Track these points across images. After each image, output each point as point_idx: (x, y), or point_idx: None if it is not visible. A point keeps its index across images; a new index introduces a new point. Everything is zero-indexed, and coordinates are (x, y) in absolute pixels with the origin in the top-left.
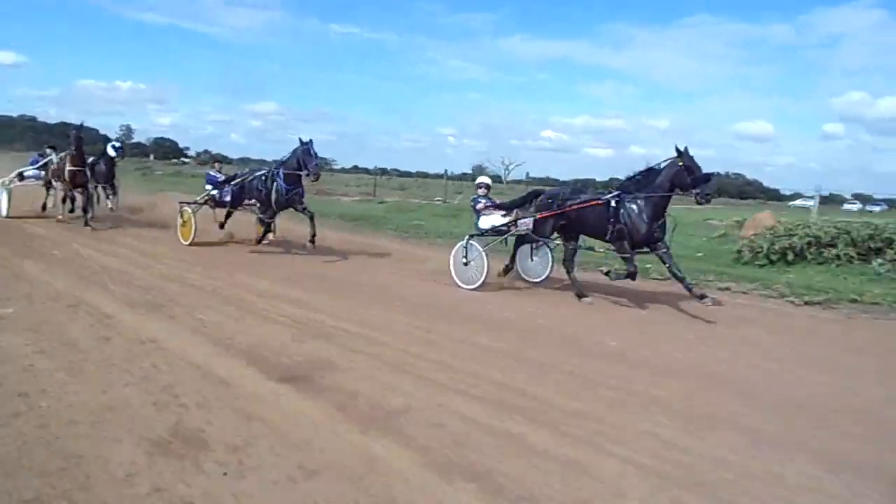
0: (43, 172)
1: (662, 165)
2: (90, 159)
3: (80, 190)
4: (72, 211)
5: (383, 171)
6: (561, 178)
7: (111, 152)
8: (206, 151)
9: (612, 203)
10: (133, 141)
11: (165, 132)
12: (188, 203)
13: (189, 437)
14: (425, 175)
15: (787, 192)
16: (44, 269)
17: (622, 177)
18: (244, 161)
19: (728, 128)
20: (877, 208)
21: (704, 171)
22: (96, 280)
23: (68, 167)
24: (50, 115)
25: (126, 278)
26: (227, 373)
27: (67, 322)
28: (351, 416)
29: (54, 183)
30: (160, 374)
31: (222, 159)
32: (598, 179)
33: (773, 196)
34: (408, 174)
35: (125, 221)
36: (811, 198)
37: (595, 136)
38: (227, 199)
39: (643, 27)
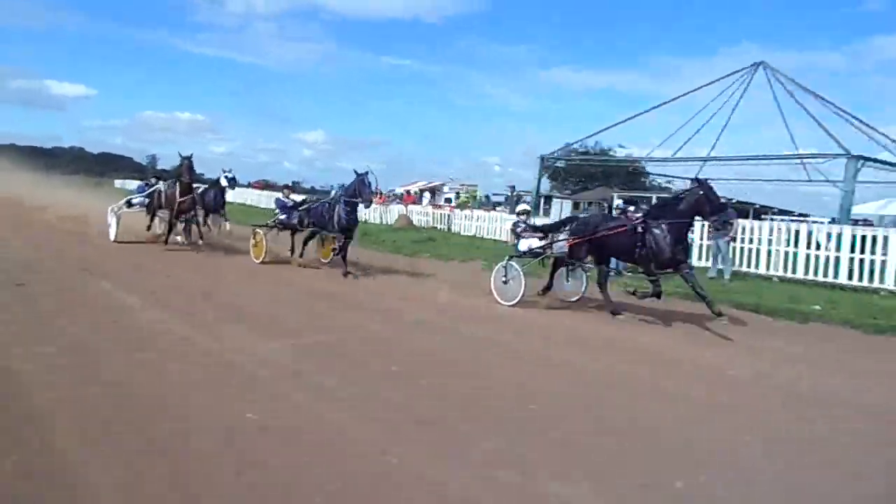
0: (148, 200)
1: (684, 194)
2: (201, 188)
3: (184, 217)
4: (168, 233)
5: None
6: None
7: (223, 182)
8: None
9: (639, 229)
10: (159, 167)
11: (222, 161)
12: (260, 226)
13: None
14: None
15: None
16: None
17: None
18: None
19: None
20: None
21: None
22: None
23: (178, 197)
24: (116, 144)
25: None
26: None
27: None
28: None
29: (159, 212)
30: None
31: (294, 186)
32: None
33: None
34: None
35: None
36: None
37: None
38: (295, 222)
39: (688, 57)
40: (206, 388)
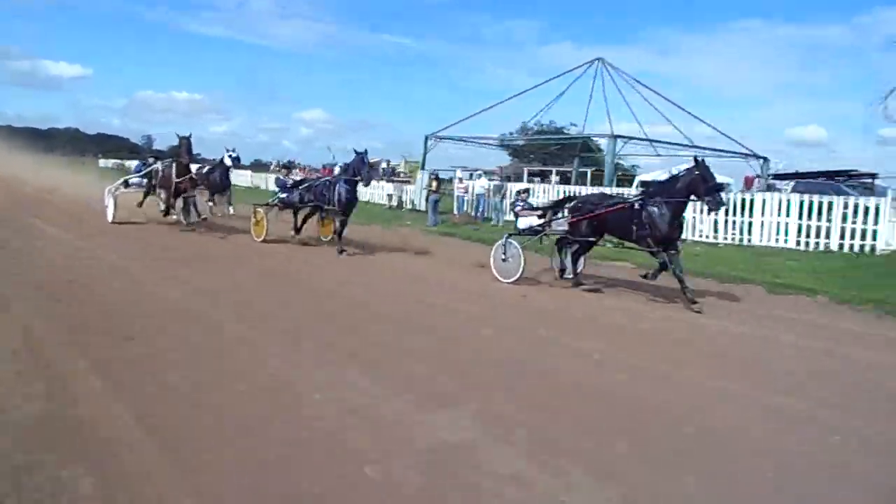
0: (145, 180)
1: (681, 173)
2: (205, 168)
3: (182, 197)
4: (165, 215)
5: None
6: None
7: (227, 162)
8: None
9: (636, 206)
10: (155, 148)
11: (223, 141)
12: (261, 205)
13: None
14: None
15: None
16: None
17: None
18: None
19: (780, 134)
20: None
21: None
22: None
23: (175, 177)
24: (113, 125)
25: None
26: None
27: None
28: None
29: (158, 190)
30: None
31: (290, 165)
32: None
33: None
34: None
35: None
36: None
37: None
38: (296, 201)
39: (690, 32)
40: (75, 265)
